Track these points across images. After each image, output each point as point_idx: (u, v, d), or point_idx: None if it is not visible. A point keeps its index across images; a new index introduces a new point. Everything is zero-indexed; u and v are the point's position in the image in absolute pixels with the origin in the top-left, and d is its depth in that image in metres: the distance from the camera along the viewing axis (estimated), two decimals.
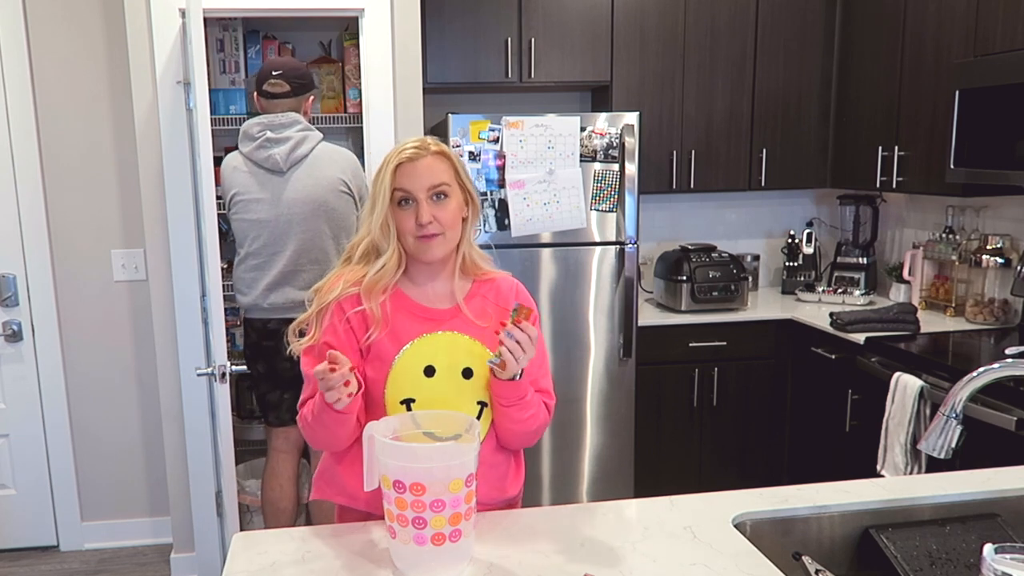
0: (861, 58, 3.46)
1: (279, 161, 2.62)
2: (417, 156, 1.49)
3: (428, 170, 1.50)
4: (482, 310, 1.57)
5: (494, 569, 1.33)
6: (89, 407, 3.37)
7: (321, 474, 1.62)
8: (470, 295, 1.58)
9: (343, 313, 1.52)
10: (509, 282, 1.65)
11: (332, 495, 1.58)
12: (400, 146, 1.53)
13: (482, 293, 1.60)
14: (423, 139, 1.54)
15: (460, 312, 1.55)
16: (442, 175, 1.51)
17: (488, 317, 1.56)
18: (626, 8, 3.44)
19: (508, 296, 1.61)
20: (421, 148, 1.51)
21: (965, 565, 1.44)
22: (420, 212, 1.48)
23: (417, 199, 1.49)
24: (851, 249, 3.79)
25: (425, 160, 1.50)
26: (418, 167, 1.49)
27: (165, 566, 3.25)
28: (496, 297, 1.60)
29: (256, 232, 2.67)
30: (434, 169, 1.50)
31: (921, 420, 2.58)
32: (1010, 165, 2.58)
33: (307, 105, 2.76)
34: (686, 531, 1.45)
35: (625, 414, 3.31)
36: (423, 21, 3.09)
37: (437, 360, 1.51)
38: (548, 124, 3.06)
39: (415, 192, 1.49)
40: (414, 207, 1.49)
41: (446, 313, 1.55)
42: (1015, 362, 1.36)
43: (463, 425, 1.39)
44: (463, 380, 1.52)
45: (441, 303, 1.57)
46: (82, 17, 3.14)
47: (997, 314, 3.08)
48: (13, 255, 3.23)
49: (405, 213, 1.50)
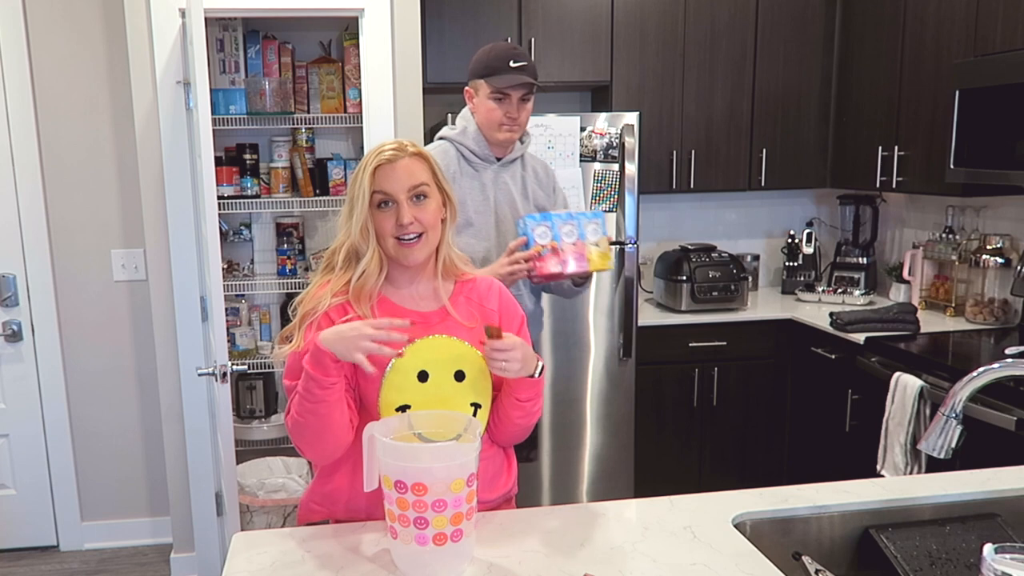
0: (861, 58, 3.46)
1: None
2: (395, 157, 1.49)
3: (407, 171, 1.50)
4: (467, 311, 1.57)
5: (494, 569, 1.33)
6: (89, 407, 3.37)
7: (311, 498, 1.58)
8: (454, 296, 1.58)
9: (331, 323, 1.49)
10: (488, 282, 1.65)
11: (327, 515, 1.56)
12: (377, 148, 1.52)
13: (465, 294, 1.60)
14: (399, 141, 1.54)
15: (448, 314, 1.55)
16: (421, 175, 1.51)
17: (474, 318, 1.56)
18: (626, 8, 3.44)
19: (489, 296, 1.62)
20: (399, 150, 1.51)
21: (965, 565, 1.44)
22: (401, 213, 1.48)
23: (397, 200, 1.49)
24: (851, 249, 3.79)
25: (403, 161, 1.50)
26: (397, 168, 1.49)
27: (165, 566, 3.25)
28: (479, 297, 1.61)
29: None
30: (413, 170, 1.51)
31: (921, 420, 2.58)
32: (1010, 165, 2.58)
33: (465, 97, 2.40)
34: (686, 531, 1.45)
35: (625, 414, 3.31)
36: (423, 21, 3.09)
37: (430, 365, 1.50)
38: (548, 124, 3.06)
39: (395, 194, 1.49)
40: (394, 209, 1.49)
41: (434, 315, 1.55)
42: (1015, 362, 1.36)
43: (461, 425, 1.40)
44: (456, 383, 1.52)
45: (427, 305, 1.57)
46: (82, 17, 3.14)
47: (997, 314, 3.08)
48: (13, 255, 3.23)
49: (385, 215, 1.50)
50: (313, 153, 3.52)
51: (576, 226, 2.02)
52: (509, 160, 2.32)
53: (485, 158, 2.27)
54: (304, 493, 1.62)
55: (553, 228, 2.00)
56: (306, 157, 3.46)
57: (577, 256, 2.00)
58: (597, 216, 2.07)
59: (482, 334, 1.49)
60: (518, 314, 1.66)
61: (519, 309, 1.67)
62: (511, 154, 2.31)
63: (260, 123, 3.36)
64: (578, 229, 2.02)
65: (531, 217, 2.04)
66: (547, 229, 1.99)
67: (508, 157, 2.31)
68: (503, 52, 2.23)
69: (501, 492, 1.62)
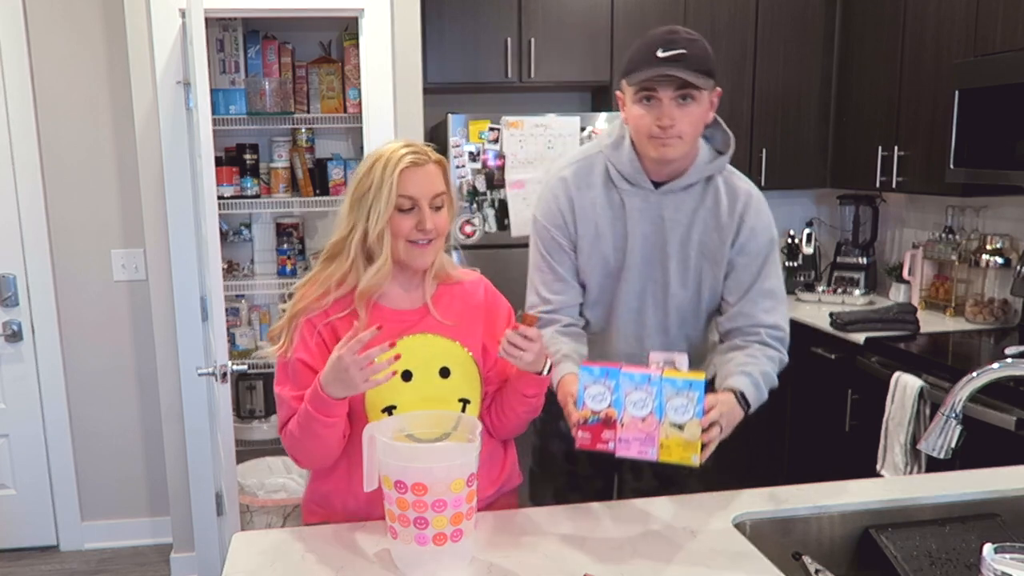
0: (861, 58, 3.46)
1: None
2: (422, 162, 1.48)
3: (433, 177, 1.49)
4: (450, 309, 1.57)
5: (494, 569, 1.33)
6: (89, 407, 3.37)
7: (311, 498, 1.60)
8: (437, 296, 1.58)
9: (313, 329, 1.50)
10: (475, 282, 1.64)
11: (327, 516, 1.57)
12: (394, 148, 1.48)
13: (450, 293, 1.59)
14: (415, 144, 1.51)
15: (428, 312, 1.55)
16: (441, 184, 1.51)
17: (456, 316, 1.56)
18: (626, 8, 3.44)
19: (478, 295, 1.61)
20: (422, 153, 1.49)
21: (965, 565, 1.44)
22: (424, 219, 1.47)
23: (420, 206, 1.48)
24: (851, 249, 3.78)
25: (429, 167, 1.49)
26: (423, 174, 1.48)
27: (165, 566, 3.25)
28: (465, 297, 1.60)
29: None
30: (436, 178, 1.50)
31: (921, 420, 2.58)
32: (1010, 165, 2.58)
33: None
34: (686, 531, 1.45)
35: None
36: (423, 21, 3.09)
37: (413, 364, 1.50)
38: (548, 124, 3.06)
39: (420, 199, 1.47)
40: (415, 213, 1.48)
41: (414, 314, 1.55)
42: (1015, 362, 1.36)
43: (449, 424, 1.40)
44: (441, 380, 1.52)
45: (409, 303, 1.56)
46: (82, 17, 3.14)
47: (997, 314, 3.08)
48: (13, 255, 3.23)
49: (404, 218, 1.48)
50: (313, 153, 3.52)
51: (654, 394, 1.38)
52: (681, 186, 1.72)
53: (636, 182, 1.72)
54: (304, 492, 1.63)
55: (617, 391, 1.38)
56: (306, 157, 3.46)
57: (643, 438, 1.39)
58: (694, 387, 1.38)
59: (465, 333, 1.51)
60: (505, 308, 1.65)
61: (505, 303, 1.66)
62: (683, 178, 1.72)
63: (260, 123, 3.36)
64: (656, 399, 1.38)
65: (587, 370, 1.41)
66: (606, 390, 1.38)
67: (680, 182, 1.72)
68: (653, 40, 1.63)
69: (498, 485, 1.63)
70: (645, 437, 1.38)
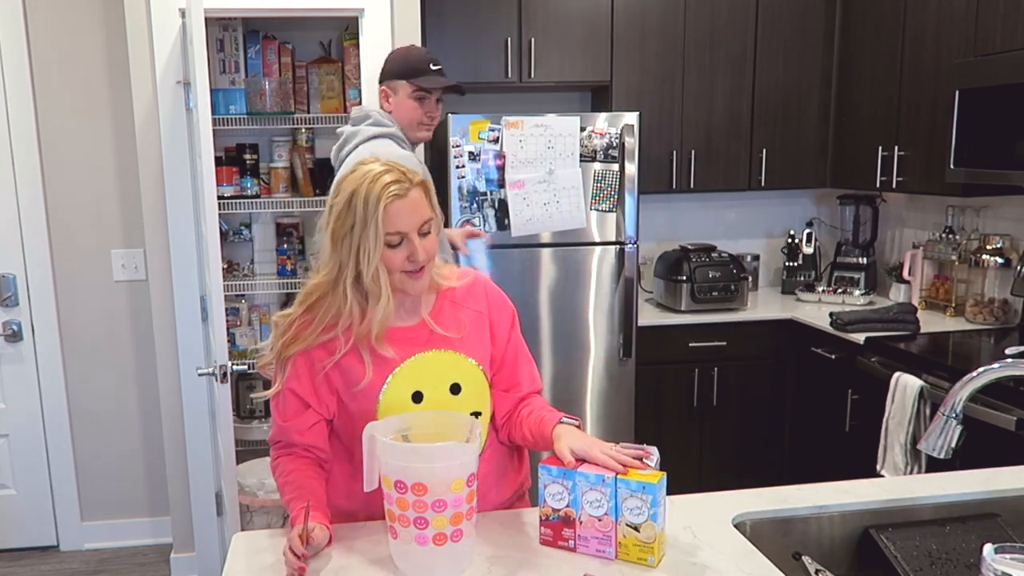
0: (861, 58, 3.46)
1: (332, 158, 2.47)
2: (404, 191, 1.40)
3: (418, 205, 1.42)
4: (453, 319, 1.53)
5: (494, 569, 1.33)
6: (89, 407, 3.37)
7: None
8: (437, 307, 1.54)
9: (311, 363, 1.48)
10: (472, 284, 1.59)
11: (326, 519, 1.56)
12: (373, 177, 1.39)
13: (448, 300, 1.55)
14: (393, 167, 1.42)
15: (428, 327, 1.51)
16: (427, 209, 1.44)
17: (460, 326, 1.52)
18: (626, 8, 3.44)
19: (476, 295, 1.57)
20: (404, 181, 1.41)
21: (965, 565, 1.44)
22: (415, 251, 1.41)
23: (410, 238, 1.41)
24: (851, 249, 3.79)
25: (412, 194, 1.41)
26: (409, 205, 1.40)
27: (165, 566, 3.25)
28: (466, 303, 1.56)
29: None
30: (420, 204, 1.43)
31: (921, 420, 2.58)
32: (1010, 165, 2.58)
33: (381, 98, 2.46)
34: (686, 531, 1.45)
35: (625, 414, 3.31)
36: (423, 21, 3.09)
37: (422, 384, 1.48)
38: (548, 124, 3.06)
39: (408, 231, 1.41)
40: (405, 245, 1.42)
41: (418, 331, 1.51)
42: (1015, 362, 1.36)
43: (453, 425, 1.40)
44: (452, 397, 1.50)
45: (410, 319, 1.52)
46: (82, 17, 3.14)
47: (997, 314, 3.08)
48: (13, 255, 3.23)
49: (394, 253, 1.41)
50: (313, 153, 3.51)
51: (608, 495, 1.35)
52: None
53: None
54: None
55: (573, 491, 1.37)
56: (306, 157, 3.46)
57: (601, 537, 1.37)
58: (647, 490, 1.32)
59: (472, 344, 1.51)
60: (508, 310, 1.61)
61: (509, 304, 1.62)
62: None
63: (260, 123, 3.36)
64: (611, 499, 1.35)
65: (546, 469, 1.40)
66: (564, 490, 1.38)
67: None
68: (423, 55, 2.40)
69: (512, 490, 1.63)
70: (603, 536, 1.37)
